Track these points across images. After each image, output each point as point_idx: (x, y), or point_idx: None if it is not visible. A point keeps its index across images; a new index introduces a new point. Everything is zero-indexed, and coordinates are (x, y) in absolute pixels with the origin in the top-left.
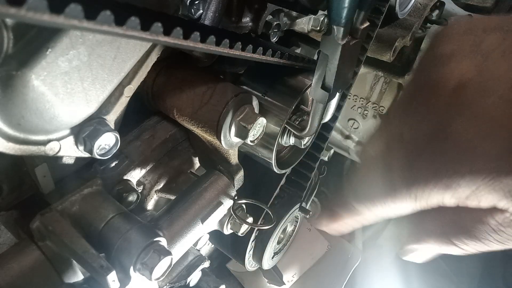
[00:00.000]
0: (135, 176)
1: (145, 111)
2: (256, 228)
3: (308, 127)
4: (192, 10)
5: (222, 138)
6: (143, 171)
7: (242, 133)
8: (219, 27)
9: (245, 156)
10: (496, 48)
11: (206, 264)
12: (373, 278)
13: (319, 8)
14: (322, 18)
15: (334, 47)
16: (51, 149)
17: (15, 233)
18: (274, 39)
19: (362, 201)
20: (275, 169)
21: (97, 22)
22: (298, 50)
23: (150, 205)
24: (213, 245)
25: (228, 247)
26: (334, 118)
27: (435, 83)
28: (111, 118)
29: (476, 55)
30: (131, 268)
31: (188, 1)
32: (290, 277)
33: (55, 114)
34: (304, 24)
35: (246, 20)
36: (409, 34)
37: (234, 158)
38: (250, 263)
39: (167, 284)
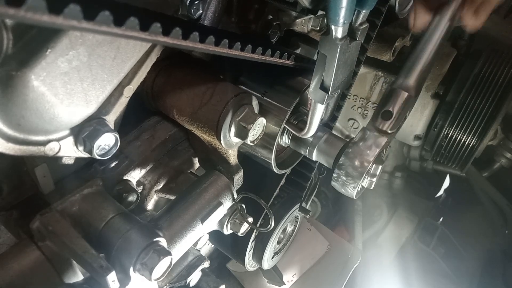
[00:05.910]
0: (135, 176)
1: (145, 111)
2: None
3: (307, 127)
4: (192, 10)
5: (222, 138)
6: (143, 171)
7: (242, 133)
8: (218, 27)
9: (245, 156)
10: None
11: (206, 264)
12: (373, 278)
13: (319, 8)
14: (322, 18)
15: (332, 48)
16: (51, 149)
17: (15, 233)
18: (274, 39)
19: None
20: (275, 170)
21: (96, 23)
22: (298, 50)
23: (150, 205)
24: (213, 245)
25: (228, 247)
26: (334, 118)
27: None
28: (111, 118)
29: None
30: (131, 268)
31: (188, 1)
32: (290, 277)
33: (55, 114)
34: (304, 24)
35: (246, 20)
36: (409, 34)
37: (233, 158)
38: (250, 263)
39: (167, 284)
